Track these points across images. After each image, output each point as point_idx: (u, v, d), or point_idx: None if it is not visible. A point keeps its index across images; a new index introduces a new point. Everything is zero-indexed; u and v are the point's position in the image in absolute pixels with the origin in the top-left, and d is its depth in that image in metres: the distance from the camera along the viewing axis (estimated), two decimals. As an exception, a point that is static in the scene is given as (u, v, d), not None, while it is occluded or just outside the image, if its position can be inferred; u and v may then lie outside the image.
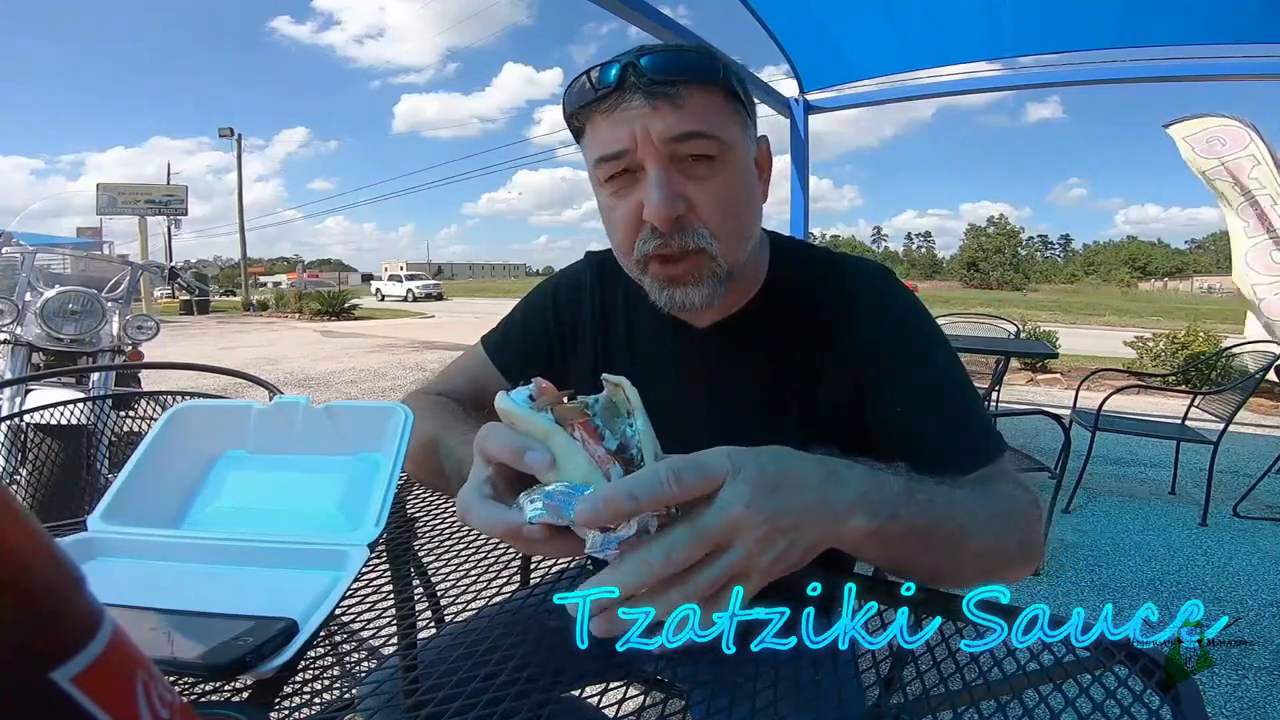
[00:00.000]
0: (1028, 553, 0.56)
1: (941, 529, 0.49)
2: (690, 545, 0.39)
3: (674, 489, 0.38)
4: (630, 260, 0.65)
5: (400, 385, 6.47)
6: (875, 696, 0.56)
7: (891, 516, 0.45)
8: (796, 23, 3.43)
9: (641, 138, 0.59)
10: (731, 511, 0.39)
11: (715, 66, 0.60)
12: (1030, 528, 0.56)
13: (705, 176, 0.61)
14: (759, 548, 0.39)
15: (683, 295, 0.64)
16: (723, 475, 0.40)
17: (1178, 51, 3.40)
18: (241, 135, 29.07)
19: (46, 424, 1.64)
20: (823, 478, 0.44)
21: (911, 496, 0.48)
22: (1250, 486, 2.91)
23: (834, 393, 0.68)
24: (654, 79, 0.58)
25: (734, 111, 0.63)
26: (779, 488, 0.41)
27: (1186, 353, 5.89)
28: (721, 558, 0.39)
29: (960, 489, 0.54)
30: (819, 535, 0.42)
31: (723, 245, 0.62)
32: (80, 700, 0.16)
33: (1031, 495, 0.59)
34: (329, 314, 16.54)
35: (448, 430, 0.69)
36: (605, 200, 0.65)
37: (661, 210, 0.59)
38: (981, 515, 0.52)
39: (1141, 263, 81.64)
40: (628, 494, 0.38)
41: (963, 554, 0.51)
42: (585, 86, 0.61)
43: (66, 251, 3.58)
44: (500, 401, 0.44)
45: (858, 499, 0.44)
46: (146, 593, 0.53)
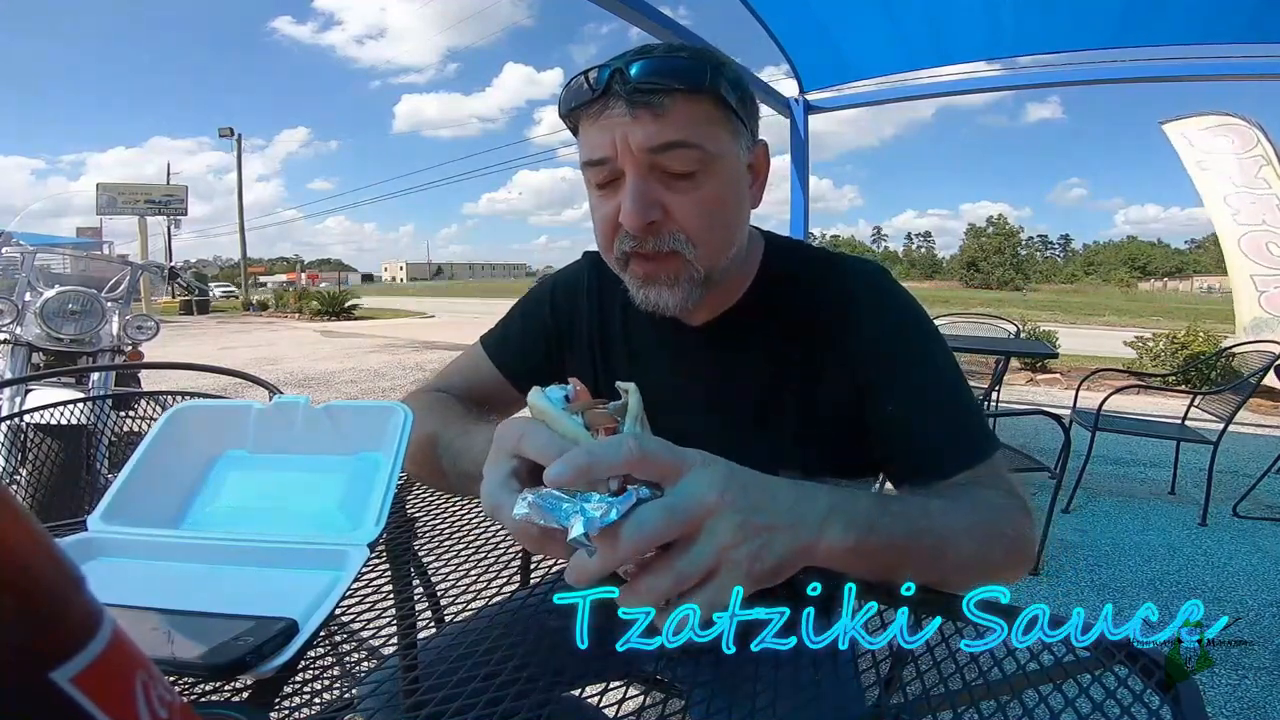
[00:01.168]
0: (1016, 558, 0.56)
1: (919, 541, 0.50)
2: (659, 521, 0.38)
3: (635, 454, 0.39)
4: (611, 258, 0.67)
5: (400, 385, 6.47)
6: (875, 696, 0.56)
7: (868, 529, 0.46)
8: (796, 23, 3.43)
9: (621, 146, 0.59)
10: (702, 495, 0.39)
11: (703, 73, 0.59)
12: (1018, 531, 0.56)
13: (685, 187, 0.61)
14: (733, 539, 0.39)
15: (656, 295, 0.64)
16: (692, 462, 0.40)
17: (1177, 51, 3.40)
18: (241, 135, 29.12)
19: (46, 424, 1.64)
20: (792, 490, 0.45)
21: (885, 509, 0.48)
22: (1250, 486, 2.91)
23: (831, 392, 0.69)
24: (638, 87, 0.58)
25: (722, 119, 0.62)
26: (750, 487, 0.42)
27: (1186, 353, 5.89)
28: (694, 547, 0.39)
29: (937, 499, 0.54)
30: (792, 544, 0.42)
31: (700, 251, 0.62)
32: (80, 700, 0.16)
33: (1019, 499, 0.59)
34: (329, 314, 16.54)
35: (446, 426, 0.69)
36: (593, 199, 0.66)
37: (634, 219, 0.60)
38: (961, 525, 0.52)
39: (1141, 263, 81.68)
40: (587, 452, 0.39)
41: (944, 564, 0.51)
42: (577, 88, 0.61)
43: (66, 251, 3.57)
44: (534, 398, 0.45)
45: (830, 512, 0.45)
46: (146, 593, 0.53)
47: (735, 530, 0.40)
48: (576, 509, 0.39)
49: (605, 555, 0.39)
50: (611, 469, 0.39)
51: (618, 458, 0.39)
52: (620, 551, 0.38)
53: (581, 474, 0.39)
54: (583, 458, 0.39)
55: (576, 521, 0.39)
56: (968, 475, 0.62)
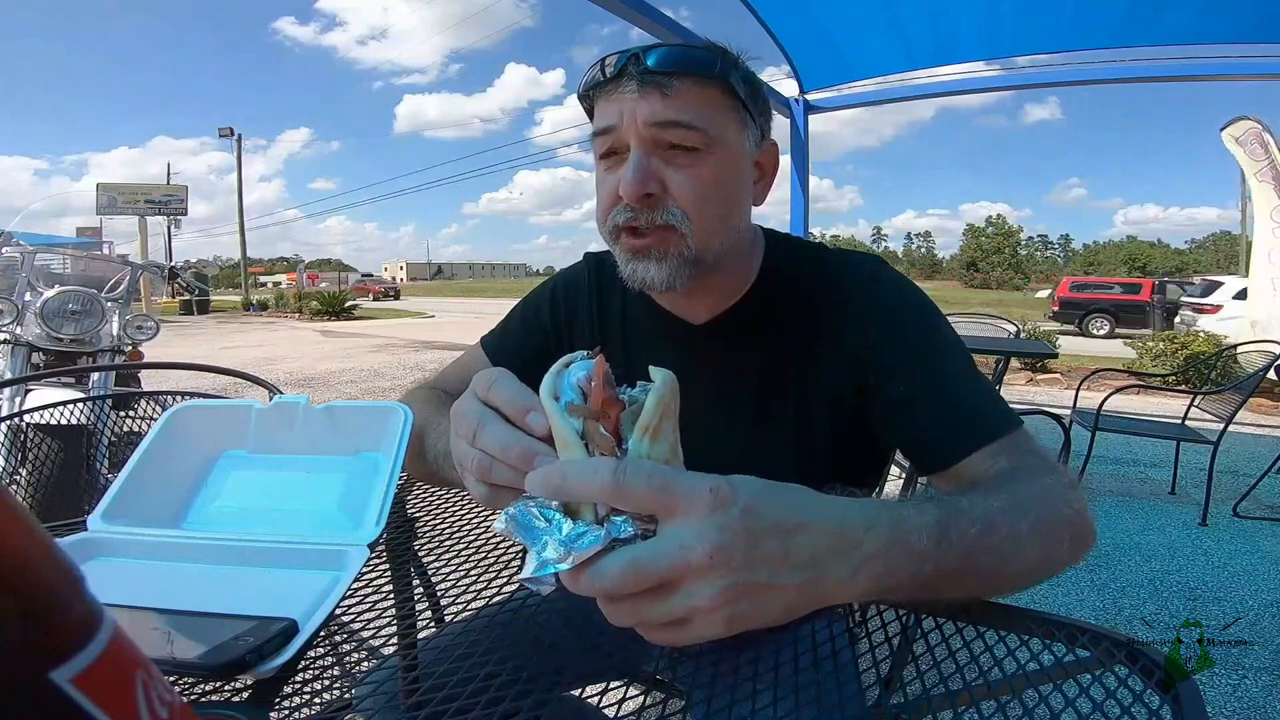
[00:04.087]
0: (1079, 543, 0.52)
1: (975, 566, 0.44)
2: (617, 577, 0.34)
3: (608, 488, 0.34)
4: (605, 231, 0.67)
5: (400, 385, 6.47)
6: (875, 696, 0.56)
7: (915, 568, 0.41)
8: (796, 23, 3.42)
9: (628, 119, 0.62)
10: (686, 552, 0.34)
11: (714, 63, 0.62)
12: (1078, 514, 0.52)
13: (686, 164, 0.62)
14: (712, 603, 0.35)
15: (644, 270, 0.64)
16: (693, 503, 0.35)
17: (1177, 51, 3.39)
18: (242, 135, 29.15)
19: (46, 424, 1.64)
20: (829, 534, 0.38)
21: (943, 538, 0.42)
22: (1250, 486, 2.90)
23: (833, 385, 0.69)
24: (649, 68, 0.61)
25: (730, 108, 0.64)
26: (763, 538, 0.36)
27: (1186, 353, 5.89)
28: (665, 599, 0.35)
29: (998, 498, 0.49)
30: (797, 602, 0.37)
31: (695, 226, 0.63)
32: (80, 700, 0.16)
33: (1064, 475, 0.56)
34: (329, 314, 16.54)
35: (434, 417, 0.69)
36: (598, 173, 0.68)
37: (632, 187, 0.61)
38: (1025, 531, 0.47)
39: (1141, 263, 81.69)
40: (561, 473, 0.36)
41: (1001, 579, 0.48)
42: (596, 71, 0.65)
43: (66, 251, 3.57)
44: (545, 385, 0.41)
45: (866, 560, 0.39)
46: (146, 593, 0.53)
47: (719, 593, 0.34)
48: (547, 537, 0.36)
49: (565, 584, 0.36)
50: (585, 497, 0.36)
51: (591, 487, 0.35)
52: (579, 589, 0.36)
53: (554, 494, 0.37)
54: (556, 478, 0.36)
55: (531, 558, 0.36)
56: (998, 449, 0.59)
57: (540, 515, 0.38)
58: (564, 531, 0.36)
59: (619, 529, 0.36)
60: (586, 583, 0.35)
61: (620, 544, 0.35)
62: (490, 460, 0.44)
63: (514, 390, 0.45)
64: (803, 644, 0.53)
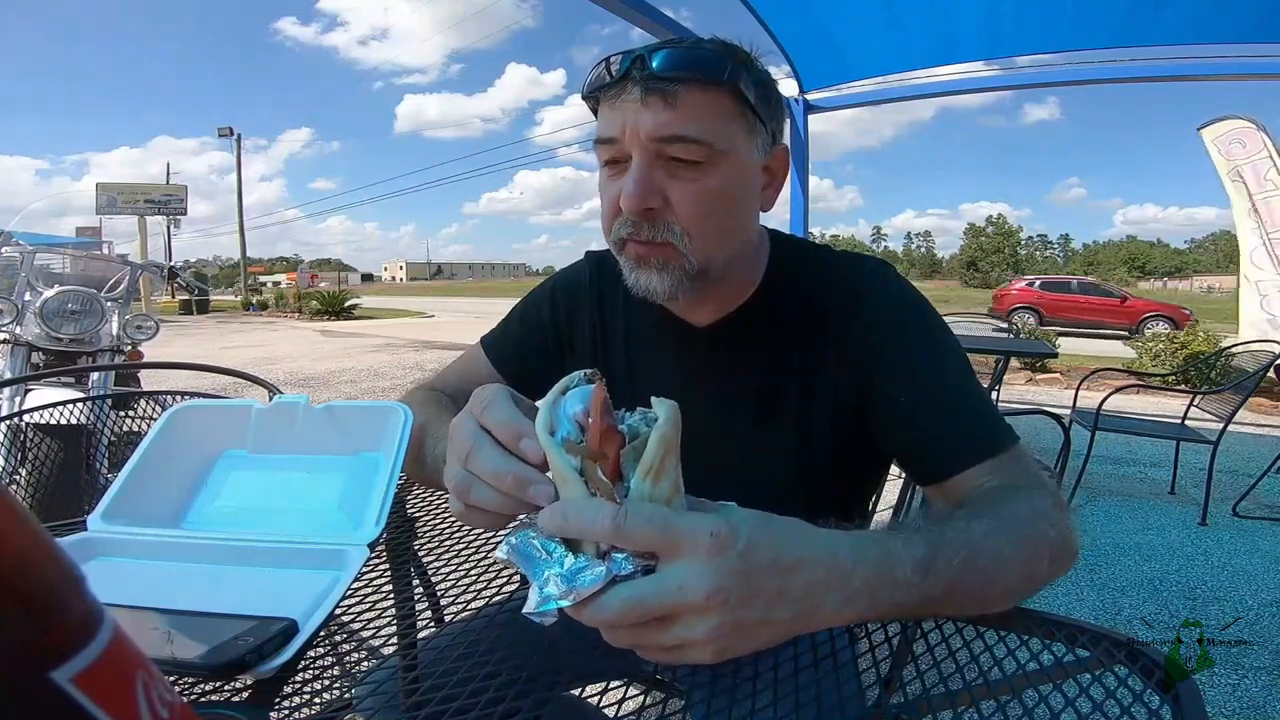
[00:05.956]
0: (1058, 564, 0.53)
1: (959, 591, 0.46)
2: (617, 612, 0.36)
3: (608, 530, 0.36)
4: (609, 241, 0.67)
5: (400, 385, 6.47)
6: (875, 696, 0.56)
7: (897, 604, 0.43)
8: (796, 23, 3.42)
9: (630, 131, 0.60)
10: (685, 592, 0.36)
11: (722, 66, 0.60)
12: (1060, 534, 0.53)
13: (689, 178, 0.61)
14: (706, 637, 0.37)
15: (646, 279, 0.64)
16: (690, 544, 0.36)
17: (1176, 51, 3.39)
18: (242, 135, 29.19)
19: (46, 424, 1.64)
20: (820, 569, 0.40)
21: (929, 571, 0.44)
22: (1250, 486, 2.90)
23: (835, 389, 0.68)
24: (654, 74, 0.59)
25: (738, 115, 0.62)
26: (758, 578, 0.37)
27: (1186, 352, 5.89)
28: (658, 632, 0.37)
29: (983, 522, 0.50)
30: (785, 633, 0.40)
31: (695, 244, 0.62)
32: (80, 700, 0.16)
33: (1054, 494, 0.57)
34: (329, 314, 16.53)
35: (434, 420, 0.69)
36: (602, 179, 0.66)
37: (632, 202, 0.60)
38: (1008, 553, 0.48)
39: (1141, 262, 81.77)
40: (561, 513, 0.38)
41: (985, 600, 0.49)
42: (600, 72, 0.63)
43: (66, 251, 3.57)
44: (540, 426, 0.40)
45: (852, 596, 0.41)
46: (146, 593, 0.53)
47: (712, 630, 0.37)
48: (548, 570, 0.38)
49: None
50: (586, 537, 0.37)
51: (593, 529, 0.37)
52: (581, 620, 0.37)
53: (556, 533, 0.38)
54: (558, 518, 0.38)
55: (533, 593, 0.37)
56: (994, 466, 0.59)
57: (541, 548, 0.39)
58: (565, 566, 0.37)
59: (619, 566, 0.37)
60: (589, 615, 0.37)
61: (621, 579, 0.37)
62: (470, 479, 0.44)
63: (507, 413, 0.44)
64: (803, 644, 0.53)
